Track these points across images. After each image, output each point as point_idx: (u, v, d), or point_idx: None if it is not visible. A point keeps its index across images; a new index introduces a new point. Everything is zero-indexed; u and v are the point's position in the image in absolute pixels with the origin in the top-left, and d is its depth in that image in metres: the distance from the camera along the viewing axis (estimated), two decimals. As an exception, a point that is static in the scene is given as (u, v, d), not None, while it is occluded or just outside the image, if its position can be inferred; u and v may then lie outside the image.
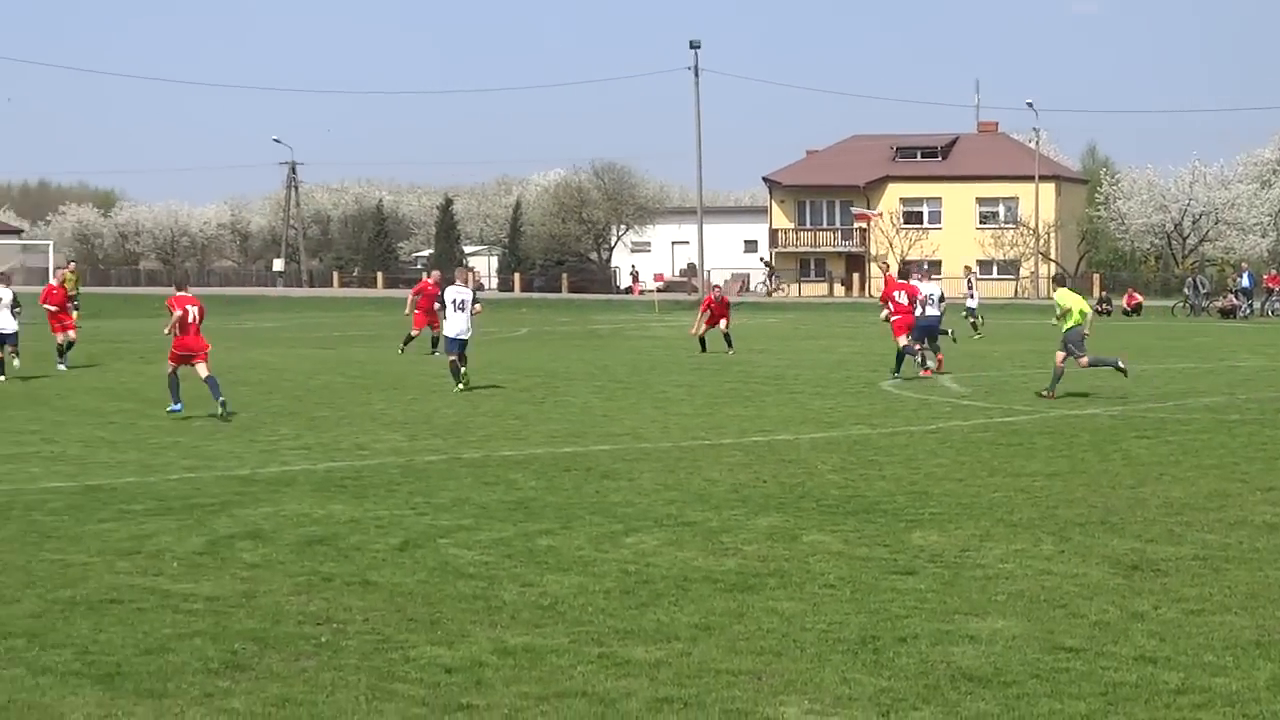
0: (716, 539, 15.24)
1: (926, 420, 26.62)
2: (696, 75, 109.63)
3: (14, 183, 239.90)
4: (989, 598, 12.64)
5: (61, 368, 38.62)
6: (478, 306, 33.35)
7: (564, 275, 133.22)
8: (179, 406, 27.25)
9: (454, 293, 33.36)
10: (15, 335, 36.38)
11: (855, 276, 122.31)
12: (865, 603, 12.45)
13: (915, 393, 31.86)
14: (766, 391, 32.32)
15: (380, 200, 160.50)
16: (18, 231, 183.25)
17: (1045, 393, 30.49)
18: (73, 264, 65.90)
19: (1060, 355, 30.96)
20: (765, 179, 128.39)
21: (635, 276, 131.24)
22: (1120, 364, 31.41)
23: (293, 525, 16.00)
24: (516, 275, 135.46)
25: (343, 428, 25.50)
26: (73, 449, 22.60)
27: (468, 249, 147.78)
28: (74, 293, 64.06)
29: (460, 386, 32.33)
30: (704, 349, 45.00)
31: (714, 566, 13.88)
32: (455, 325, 32.89)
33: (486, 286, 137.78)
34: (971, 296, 56.90)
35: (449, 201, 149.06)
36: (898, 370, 36.09)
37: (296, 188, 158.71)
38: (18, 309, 36.66)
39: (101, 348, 47.38)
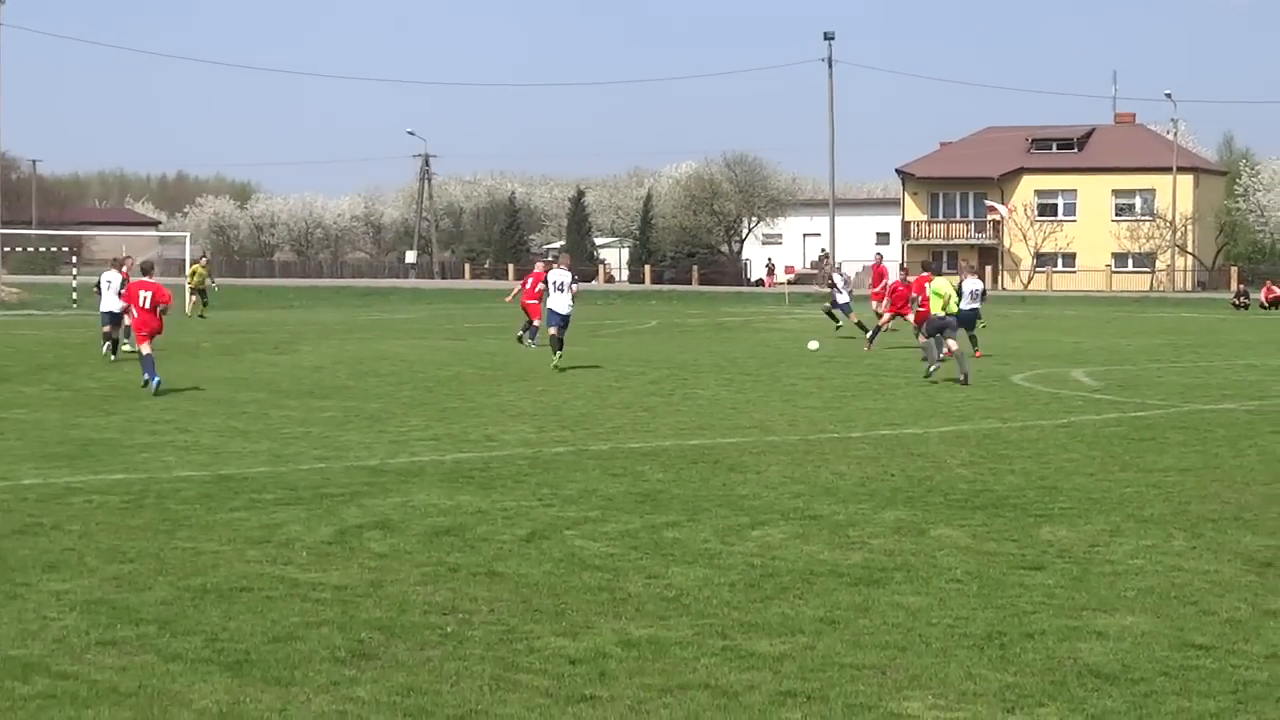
0: (843, 532, 15.19)
1: (1057, 414, 26.37)
2: (830, 67, 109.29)
3: (153, 175, 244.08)
4: (1118, 594, 12.50)
5: (117, 354, 38.91)
6: (574, 287, 36.74)
7: (694, 267, 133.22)
8: (158, 380, 29.62)
9: (556, 275, 36.89)
10: (120, 315, 38.08)
11: (988, 269, 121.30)
12: (992, 598, 12.35)
13: (1046, 386, 31.57)
14: (896, 385, 32.15)
15: (512, 192, 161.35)
16: (156, 223, 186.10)
17: (930, 374, 32.62)
18: (205, 258, 66.81)
19: (952, 343, 32.98)
20: (898, 171, 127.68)
21: (770, 269, 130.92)
22: (966, 377, 31.94)
23: (421, 516, 16.12)
24: (647, 267, 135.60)
25: (471, 419, 25.66)
26: (206, 438, 22.90)
27: (599, 241, 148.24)
28: (204, 286, 65.02)
29: (555, 363, 35.38)
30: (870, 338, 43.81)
31: (840, 560, 13.84)
32: (559, 302, 36.29)
33: (617, 279, 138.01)
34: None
35: (580, 194, 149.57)
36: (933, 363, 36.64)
37: (430, 180, 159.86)
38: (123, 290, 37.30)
39: (235, 338, 47.98)
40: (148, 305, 31.00)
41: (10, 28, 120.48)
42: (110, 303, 39.25)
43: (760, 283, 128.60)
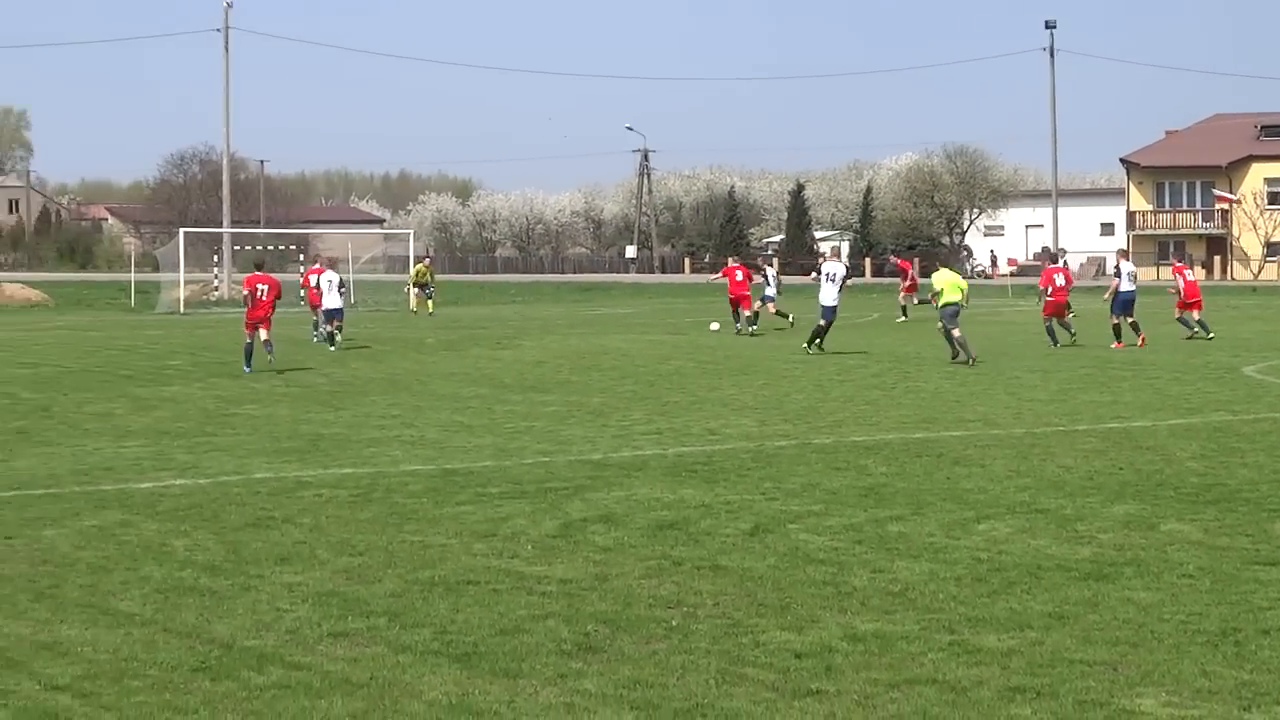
0: (1070, 527, 14.96)
1: (1293, 406, 25.72)
2: (1052, 56, 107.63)
3: (376, 174, 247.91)
4: (1359, 591, 12.15)
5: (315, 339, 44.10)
6: (846, 282, 40.02)
7: (915, 260, 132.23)
8: (250, 369, 33.81)
9: (829, 267, 39.71)
10: (341, 311, 42.62)
11: (1216, 260, 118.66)
12: (1226, 594, 12.09)
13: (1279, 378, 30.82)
14: (1123, 377, 31.60)
15: (731, 187, 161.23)
16: (380, 221, 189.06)
17: (970, 363, 34.32)
18: (429, 258, 68.09)
19: (955, 330, 35.30)
20: (1123, 160, 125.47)
21: (994, 260, 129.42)
22: (970, 356, 34.59)
23: (644, 509, 16.18)
24: (867, 260, 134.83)
25: (693, 413, 25.71)
26: (431, 433, 23.22)
27: (818, 234, 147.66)
28: (425, 282, 66.12)
29: (808, 348, 38.22)
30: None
31: (1068, 555, 13.63)
32: (827, 294, 38.67)
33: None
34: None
35: (800, 187, 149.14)
36: (1054, 343, 40.37)
37: (649, 175, 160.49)
38: (343, 289, 43.61)
39: (459, 334, 48.60)
40: (265, 297, 34.59)
41: (239, 31, 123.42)
42: (332, 300, 42.43)
43: (985, 274, 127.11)
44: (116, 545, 14.38)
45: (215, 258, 75.09)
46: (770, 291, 50.53)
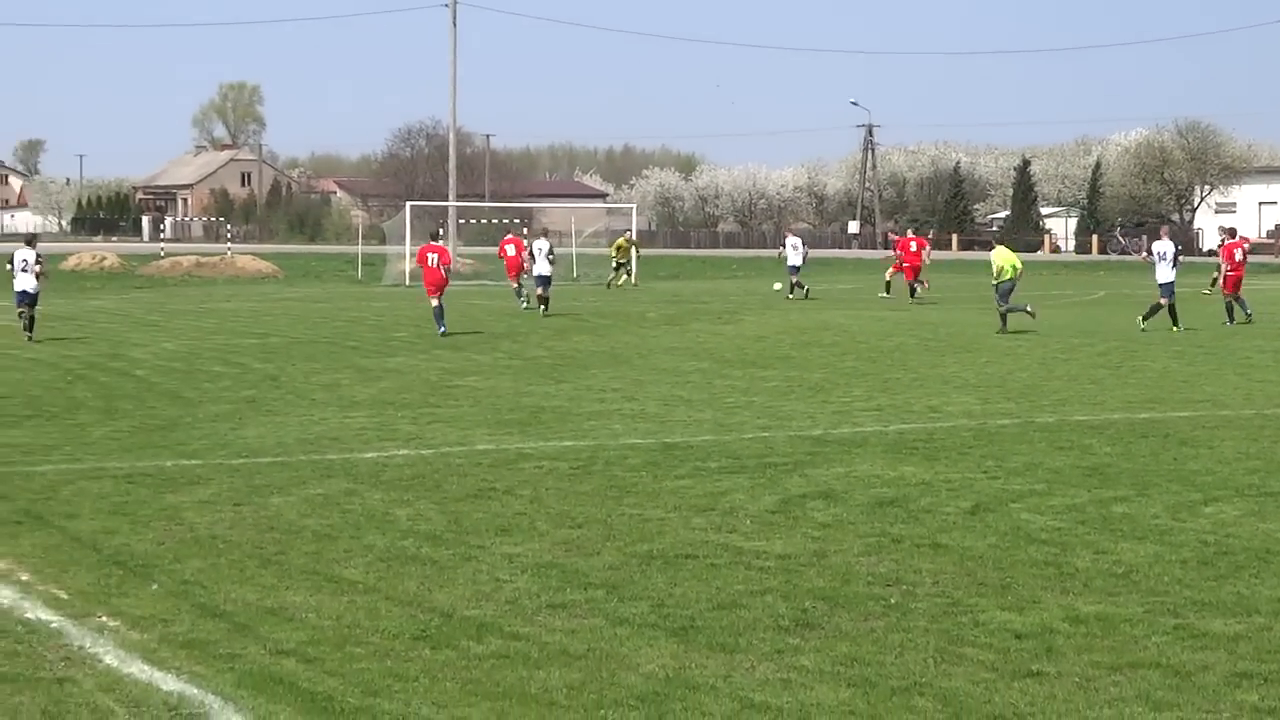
0: (1303, 511, 14.59)
1: None
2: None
3: (600, 148, 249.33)
4: None
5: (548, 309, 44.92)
6: (1179, 260, 39.70)
7: (1144, 237, 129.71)
8: (444, 329, 36.83)
9: (1160, 246, 39.27)
10: (549, 279, 45.41)
11: None
12: None
13: None
14: (1361, 358, 30.73)
15: (957, 162, 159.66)
16: (603, 195, 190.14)
17: (1029, 311, 37.90)
18: (628, 233, 68.59)
19: (997, 300, 37.83)
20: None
21: (1232, 235, 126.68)
22: (1029, 309, 38.14)
23: (864, 486, 16.10)
24: (1094, 237, 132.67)
25: (915, 390, 25.52)
26: (652, 407, 23.32)
27: (1044, 210, 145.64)
28: (626, 260, 66.28)
29: (1142, 326, 38.65)
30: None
31: (1300, 540, 13.30)
32: (1162, 273, 38.62)
33: (1063, 249, 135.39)
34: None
35: (1026, 163, 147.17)
36: (1229, 320, 41.34)
37: (873, 150, 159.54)
38: (553, 257, 45.81)
39: (680, 309, 48.72)
40: (436, 264, 37.65)
41: (465, 6, 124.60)
42: (543, 267, 45.04)
43: (1213, 253, 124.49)
44: (341, 514, 14.65)
45: (440, 230, 75.90)
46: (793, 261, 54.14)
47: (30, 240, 37.38)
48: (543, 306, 44.76)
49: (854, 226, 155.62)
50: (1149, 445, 18.94)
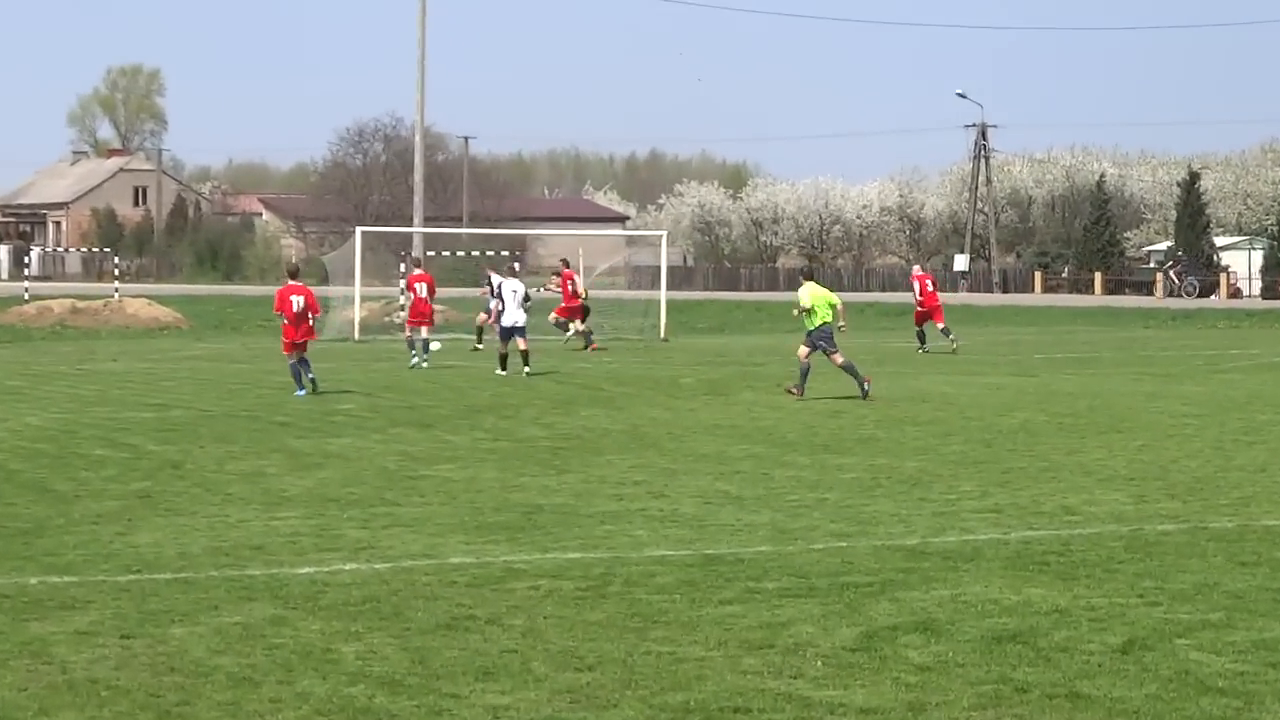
0: None
1: None
2: None
3: (618, 155, 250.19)
4: None
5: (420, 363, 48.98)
6: None
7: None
8: (302, 392, 39.26)
9: None
10: (523, 330, 46.96)
11: None
12: None
13: None
14: None
15: (1101, 174, 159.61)
16: (622, 219, 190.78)
17: (793, 390, 39.71)
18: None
19: (804, 350, 39.92)
20: None
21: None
22: (865, 386, 39.41)
23: (976, 615, 16.06)
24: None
25: (1045, 484, 25.48)
26: (687, 506, 23.28)
27: (1220, 240, 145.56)
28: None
29: None
30: None
31: None
32: None
33: (1245, 291, 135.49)
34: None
35: (1194, 176, 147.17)
36: None
37: (986, 159, 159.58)
38: (528, 303, 47.60)
39: (724, 371, 48.73)
40: (302, 310, 39.99)
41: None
42: (513, 315, 46.79)
43: None
44: (266, 650, 14.63)
45: (402, 265, 75.90)
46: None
47: None
48: (524, 365, 46.41)
49: (961, 262, 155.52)
50: (1365, 560, 18.91)
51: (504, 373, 46.10)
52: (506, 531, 21.04)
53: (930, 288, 59.68)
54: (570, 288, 61.38)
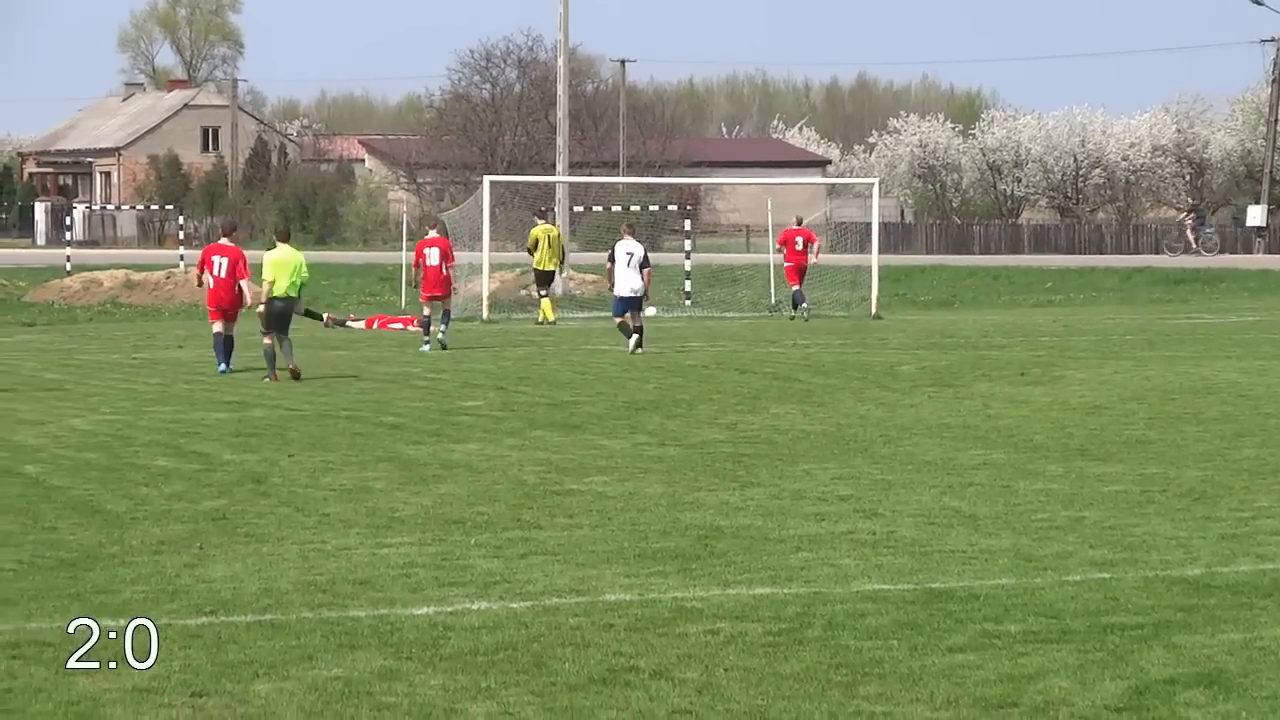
0: None
1: None
2: None
3: (814, 82, 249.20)
4: None
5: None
6: None
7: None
8: (224, 368, 43.22)
9: None
10: (639, 301, 49.79)
11: None
12: None
13: None
14: None
15: None
16: (823, 163, 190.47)
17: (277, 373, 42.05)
18: (547, 210, 68.75)
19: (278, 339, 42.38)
20: None
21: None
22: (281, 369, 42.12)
23: (1275, 665, 16.02)
24: None
25: (1366, 498, 25.34)
26: (906, 527, 23.26)
27: None
28: (551, 267, 66.99)
29: None
30: None
31: None
32: None
33: None
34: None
35: None
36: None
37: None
38: (646, 268, 50.04)
39: (952, 357, 48.49)
40: (223, 274, 43.31)
41: None
42: (628, 282, 49.29)
43: None
44: (373, 712, 14.73)
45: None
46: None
47: None
48: (634, 342, 48.71)
49: (1257, 214, 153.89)
50: None
51: (632, 347, 48.34)
52: (677, 561, 21.09)
53: (800, 247, 63.41)
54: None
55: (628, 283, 48.71)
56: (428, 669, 16.07)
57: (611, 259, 50.48)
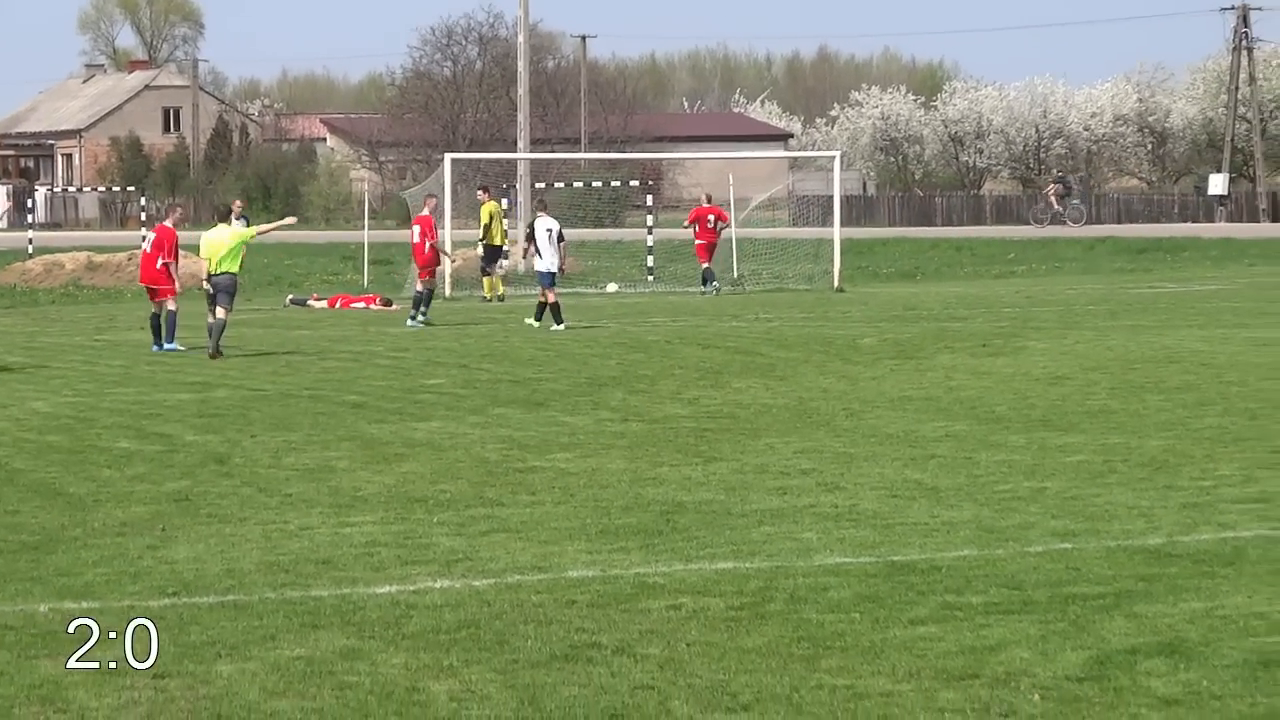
0: None
1: None
2: None
3: (776, 55, 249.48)
4: None
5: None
6: None
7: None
8: (156, 348, 44.60)
9: None
10: (553, 276, 51.32)
11: None
12: None
13: None
14: None
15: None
16: (784, 137, 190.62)
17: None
18: (486, 191, 69.33)
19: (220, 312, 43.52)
20: None
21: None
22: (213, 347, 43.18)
23: (1236, 634, 16.03)
24: None
25: (1329, 466, 25.42)
26: (868, 500, 23.31)
27: None
28: (497, 241, 67.15)
29: None
30: None
31: None
32: None
33: None
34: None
35: None
36: None
37: (1250, 51, 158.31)
38: (563, 242, 52.15)
39: (912, 329, 48.54)
40: (149, 249, 46.06)
41: None
42: (548, 259, 51.29)
43: None
44: (336, 691, 14.74)
45: (504, 201, 76.02)
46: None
47: None
48: (553, 319, 49.85)
49: (1218, 183, 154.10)
50: None
51: (559, 327, 49.14)
52: (639, 537, 21.12)
53: (712, 224, 65.17)
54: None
55: (548, 259, 50.81)
56: (390, 648, 16.08)
57: (531, 236, 53.38)
